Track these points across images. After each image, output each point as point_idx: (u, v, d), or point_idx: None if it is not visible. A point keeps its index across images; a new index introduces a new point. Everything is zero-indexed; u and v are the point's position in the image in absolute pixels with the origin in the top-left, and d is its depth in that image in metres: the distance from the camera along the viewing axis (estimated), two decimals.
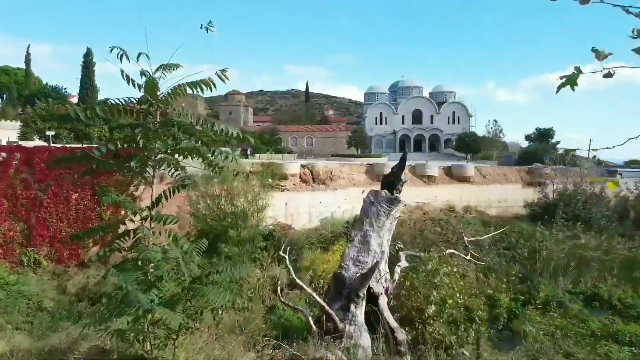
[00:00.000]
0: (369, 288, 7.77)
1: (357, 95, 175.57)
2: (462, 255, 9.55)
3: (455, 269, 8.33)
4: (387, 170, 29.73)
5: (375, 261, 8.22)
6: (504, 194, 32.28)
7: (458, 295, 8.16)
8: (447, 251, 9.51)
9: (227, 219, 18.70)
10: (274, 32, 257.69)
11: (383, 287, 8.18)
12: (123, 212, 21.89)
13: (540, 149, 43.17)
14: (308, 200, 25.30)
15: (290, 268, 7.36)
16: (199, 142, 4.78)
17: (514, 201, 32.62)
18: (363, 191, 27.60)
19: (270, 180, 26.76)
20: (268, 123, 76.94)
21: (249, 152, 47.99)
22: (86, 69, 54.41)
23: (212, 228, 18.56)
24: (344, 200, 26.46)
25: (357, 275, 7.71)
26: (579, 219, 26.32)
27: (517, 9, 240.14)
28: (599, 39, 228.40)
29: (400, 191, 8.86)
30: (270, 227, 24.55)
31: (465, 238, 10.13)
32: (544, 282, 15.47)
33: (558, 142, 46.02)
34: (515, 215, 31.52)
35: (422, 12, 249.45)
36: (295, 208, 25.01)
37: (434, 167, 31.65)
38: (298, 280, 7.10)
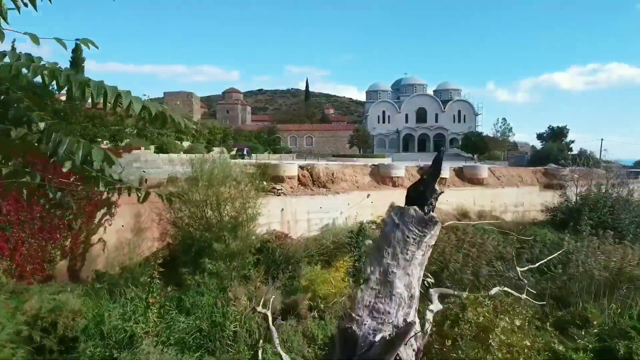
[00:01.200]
0: (396, 355, 5.21)
1: (357, 95, 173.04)
2: (515, 294, 6.92)
3: (517, 322, 5.71)
4: (395, 172, 27.15)
5: (401, 308, 5.64)
6: (520, 198, 29.71)
7: (521, 359, 5.55)
8: (496, 289, 6.84)
9: (214, 229, 16.14)
10: (274, 32, 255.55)
11: (413, 349, 5.59)
12: (97, 220, 19.37)
13: (554, 148, 40.51)
14: (307, 206, 22.73)
15: (276, 337, 4.74)
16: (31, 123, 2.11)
17: (531, 205, 30.04)
18: (368, 195, 24.99)
19: (264, 183, 24.21)
20: (267, 122, 74.34)
21: (245, 153, 45.45)
22: (75, 66, 51.77)
23: (195, 239, 16.02)
24: (346, 205, 23.89)
25: (379, 339, 5.10)
26: (605, 226, 23.78)
27: (517, 9, 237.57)
28: (598, 39, 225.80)
29: (434, 207, 6.23)
30: (265, 235, 21.99)
31: (517, 269, 7.43)
32: (591, 309, 12.77)
33: (572, 142, 43.44)
34: (532, 220, 28.92)
35: (422, 13, 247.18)
36: (292, 214, 22.44)
37: (445, 168, 29.02)
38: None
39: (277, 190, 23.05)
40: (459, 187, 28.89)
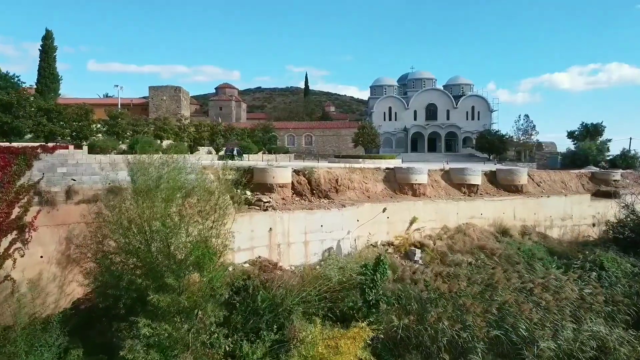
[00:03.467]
0: None
1: (358, 94, 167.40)
2: None
3: None
4: (416, 178, 20.66)
5: None
6: (568, 209, 24.00)
7: None
8: None
9: (162, 268, 10.48)
10: (275, 33, 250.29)
11: None
12: (2, 249, 13.72)
13: (593, 148, 34.77)
14: (303, 224, 17.11)
15: None
16: None
17: (581, 218, 24.38)
18: (384, 209, 19.28)
19: (248, 193, 18.53)
20: (262, 120, 68.56)
21: (235, 153, 39.61)
22: (45, 55, 46.09)
23: (128, 287, 10.38)
24: (355, 221, 18.22)
25: None
26: None
27: (517, 10, 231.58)
28: (598, 39, 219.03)
29: None
30: (246, 266, 16.34)
31: None
32: None
33: (609, 140, 37.69)
34: (586, 238, 23.26)
35: (422, 14, 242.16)
36: (284, 235, 16.81)
37: (476, 173, 23.34)
38: None
39: (264, 203, 17.39)
40: (494, 195, 23.19)
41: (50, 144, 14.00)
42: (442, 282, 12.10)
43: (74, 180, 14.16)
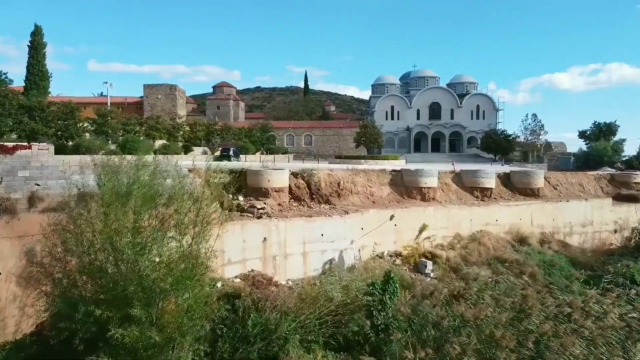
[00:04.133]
0: None
1: (359, 94, 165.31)
2: None
3: None
4: (425, 181, 17.96)
5: None
6: (588, 214, 22.20)
7: None
8: None
9: (128, 294, 8.69)
10: (276, 33, 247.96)
11: None
12: None
13: (608, 148, 32.97)
14: (302, 233, 15.32)
15: None
16: None
17: (602, 224, 22.59)
18: (392, 217, 17.40)
19: (240, 199, 16.72)
20: (261, 119, 66.78)
21: (232, 154, 37.82)
22: (34, 51, 44.32)
23: (84, 319, 8.56)
24: (359, 230, 16.43)
25: None
26: None
27: (517, 10, 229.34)
28: (599, 39, 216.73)
29: None
30: (237, 281, 14.54)
31: None
32: None
33: (624, 140, 35.93)
34: (609, 246, 21.46)
35: (421, 13, 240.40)
36: (280, 246, 15.01)
37: (490, 176, 21.54)
38: None
39: (258, 209, 15.58)
40: (509, 200, 21.39)
41: (10, 144, 12.18)
42: (467, 307, 10.25)
43: (38, 185, 12.36)
